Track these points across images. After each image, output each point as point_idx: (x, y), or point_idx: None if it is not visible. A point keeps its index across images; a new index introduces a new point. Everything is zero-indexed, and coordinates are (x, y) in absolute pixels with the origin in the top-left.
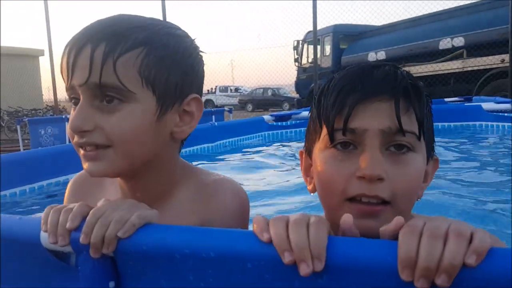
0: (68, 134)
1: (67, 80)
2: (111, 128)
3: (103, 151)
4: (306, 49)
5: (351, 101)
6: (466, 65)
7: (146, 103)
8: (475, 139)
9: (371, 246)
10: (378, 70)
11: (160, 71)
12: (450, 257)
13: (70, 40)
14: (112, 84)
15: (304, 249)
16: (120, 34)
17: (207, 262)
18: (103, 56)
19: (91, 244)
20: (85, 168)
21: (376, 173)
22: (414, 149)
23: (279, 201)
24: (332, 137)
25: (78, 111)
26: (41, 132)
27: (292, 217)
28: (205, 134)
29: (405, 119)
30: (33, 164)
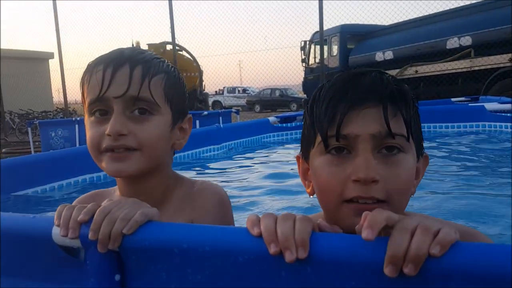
0: (94, 140)
1: (99, 92)
2: (143, 134)
3: (133, 153)
4: (313, 50)
5: (342, 109)
6: (473, 64)
7: (166, 116)
8: (479, 139)
9: (350, 240)
10: (365, 78)
11: (174, 94)
12: (415, 248)
13: (101, 60)
14: (146, 98)
15: (289, 237)
16: (149, 61)
17: (203, 256)
18: (142, 75)
19: (98, 240)
20: (111, 168)
21: (370, 176)
22: (404, 150)
23: (281, 201)
24: (326, 144)
25: (115, 118)
26: (52, 134)
27: (280, 214)
28: (210, 136)
29: (393, 122)
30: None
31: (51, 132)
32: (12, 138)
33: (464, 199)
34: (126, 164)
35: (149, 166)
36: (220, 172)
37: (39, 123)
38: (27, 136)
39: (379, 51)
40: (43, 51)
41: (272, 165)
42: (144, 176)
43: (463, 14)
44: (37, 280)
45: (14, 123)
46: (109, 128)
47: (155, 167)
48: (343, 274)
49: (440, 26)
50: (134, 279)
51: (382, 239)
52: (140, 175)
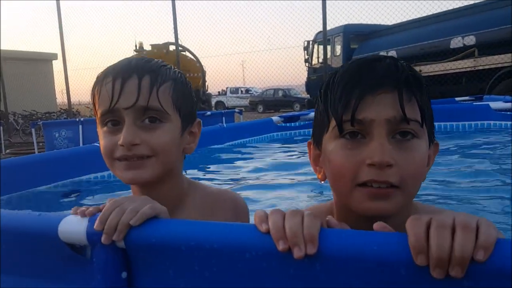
0: (108, 149)
1: (109, 104)
2: (155, 142)
3: (147, 160)
4: (317, 50)
5: (357, 94)
6: (477, 64)
7: (175, 123)
8: (484, 138)
9: (359, 236)
10: (380, 63)
11: (182, 100)
12: (460, 250)
13: (109, 72)
14: (155, 107)
15: (298, 233)
16: (156, 70)
17: (210, 253)
18: (150, 84)
19: (104, 230)
20: (127, 176)
21: (385, 160)
22: (418, 136)
23: (285, 201)
24: (341, 128)
25: (127, 129)
26: (55, 135)
27: (288, 210)
28: (214, 135)
29: (408, 108)
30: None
31: (55, 132)
32: (15, 139)
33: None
34: (141, 171)
35: (163, 172)
36: (223, 172)
37: (42, 124)
38: (31, 137)
39: (382, 51)
40: (46, 52)
41: (276, 164)
42: (157, 182)
43: (467, 13)
44: (43, 278)
45: (18, 124)
46: (122, 139)
47: (168, 173)
48: (352, 271)
49: (444, 26)
50: (141, 277)
51: (391, 234)
52: (154, 181)
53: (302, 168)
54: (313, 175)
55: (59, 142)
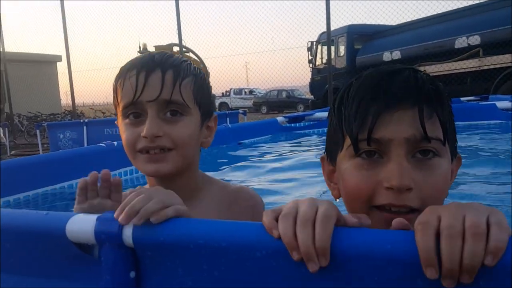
0: (130, 141)
1: (133, 96)
2: (177, 134)
3: (168, 153)
4: (320, 50)
5: (373, 111)
6: (482, 63)
7: (196, 117)
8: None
9: (373, 236)
10: (398, 76)
11: (202, 94)
12: (470, 258)
13: (133, 65)
14: (177, 100)
15: (309, 247)
16: (178, 65)
17: (219, 252)
18: (173, 79)
19: (125, 212)
20: (149, 169)
21: (404, 183)
22: (439, 154)
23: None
24: (357, 148)
25: (151, 121)
26: (60, 136)
27: (301, 211)
28: (219, 135)
29: (429, 125)
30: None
31: (60, 134)
32: (20, 140)
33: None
34: (163, 164)
35: (182, 165)
36: (227, 172)
37: (47, 125)
38: (36, 138)
39: (386, 51)
40: (51, 54)
41: (281, 164)
42: (176, 174)
43: (472, 13)
44: (51, 278)
45: (22, 126)
46: (145, 131)
47: (187, 166)
48: (365, 269)
49: (448, 26)
50: (149, 276)
51: (405, 233)
52: (174, 174)
53: (308, 168)
54: (319, 177)
55: (64, 143)
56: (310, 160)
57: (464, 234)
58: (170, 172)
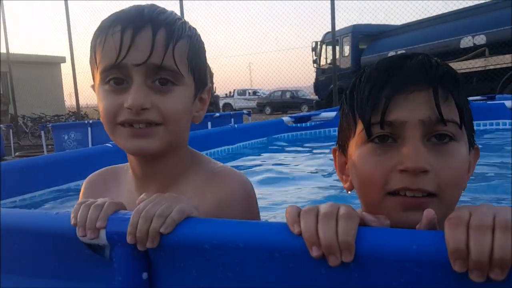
0: (110, 111)
1: (116, 58)
2: (167, 107)
3: (155, 128)
4: (325, 50)
5: (387, 93)
6: (488, 63)
7: (189, 87)
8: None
9: (398, 235)
10: (411, 60)
11: (197, 61)
12: (500, 252)
13: (117, 19)
14: (170, 67)
15: (332, 241)
16: (172, 23)
17: (235, 253)
18: (166, 40)
19: (137, 239)
20: (132, 145)
21: (420, 165)
22: (456, 139)
23: (298, 201)
24: (369, 132)
25: (137, 89)
26: (65, 137)
27: (322, 209)
28: (225, 136)
29: (445, 107)
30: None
31: (64, 135)
32: (25, 141)
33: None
34: (149, 141)
35: (171, 143)
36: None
37: (52, 126)
38: (40, 139)
39: (391, 51)
40: (55, 56)
41: (286, 165)
42: (162, 154)
43: (477, 12)
44: (61, 279)
45: (27, 127)
46: (130, 101)
47: (175, 144)
48: (389, 271)
49: (454, 25)
50: (162, 277)
51: (431, 233)
52: (160, 153)
53: (315, 168)
54: (328, 175)
55: (68, 144)
56: (316, 161)
57: (494, 229)
58: (156, 151)
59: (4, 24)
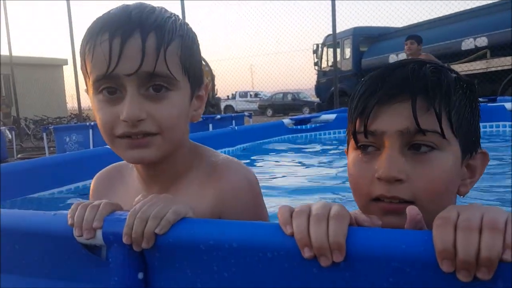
0: (108, 125)
1: (107, 68)
2: (162, 116)
3: (152, 138)
4: (326, 53)
5: (372, 103)
6: (490, 65)
7: (185, 90)
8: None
9: (388, 235)
10: (400, 70)
11: (191, 60)
12: (487, 252)
13: (105, 26)
14: (163, 73)
15: (323, 242)
16: (162, 25)
17: (230, 253)
18: (157, 45)
19: (132, 240)
20: (131, 156)
21: (391, 174)
22: (439, 148)
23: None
24: (356, 140)
25: (131, 101)
26: (66, 140)
27: (313, 210)
28: (225, 138)
29: (426, 118)
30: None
31: (66, 137)
32: (27, 143)
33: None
34: (147, 150)
35: (170, 149)
36: None
37: (53, 128)
38: (42, 142)
39: (392, 53)
40: (57, 58)
41: (287, 166)
42: (163, 158)
43: (479, 14)
44: (59, 279)
45: (29, 129)
46: (125, 113)
47: (176, 148)
48: (379, 270)
49: (455, 27)
50: (157, 277)
51: (419, 233)
52: (161, 159)
53: (314, 170)
54: (327, 178)
55: (70, 146)
56: (317, 163)
57: (481, 229)
58: (155, 160)
59: (6, 26)
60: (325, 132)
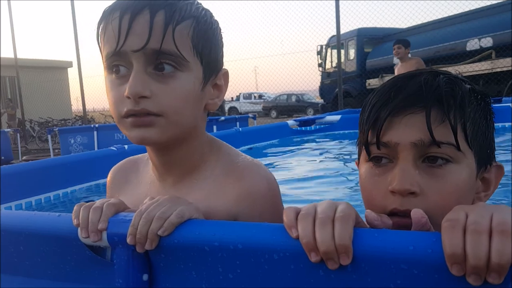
0: (116, 103)
1: (116, 45)
2: (166, 96)
3: (156, 118)
4: (330, 54)
5: (384, 114)
6: (495, 66)
7: (196, 72)
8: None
9: (395, 236)
10: (413, 81)
11: (205, 43)
12: (497, 257)
13: (117, 5)
14: (170, 51)
15: (330, 248)
16: (173, 4)
17: (235, 254)
18: (164, 23)
19: (136, 240)
20: (134, 135)
21: (404, 187)
22: (454, 160)
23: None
24: (369, 151)
25: (135, 77)
26: (71, 141)
27: (319, 211)
28: (229, 139)
29: (440, 129)
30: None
31: (71, 139)
32: (32, 145)
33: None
34: (150, 130)
35: (177, 133)
36: None
37: (58, 130)
38: (47, 143)
39: None
40: (62, 60)
41: (292, 167)
42: (175, 144)
43: (484, 15)
44: (63, 280)
45: (34, 131)
46: (128, 89)
47: (187, 134)
48: (386, 272)
49: (460, 28)
50: (162, 279)
51: (427, 234)
52: (170, 143)
53: (319, 171)
54: (332, 179)
55: (75, 148)
56: (320, 164)
57: (491, 232)
58: (158, 141)
59: (12, 29)
60: (330, 133)
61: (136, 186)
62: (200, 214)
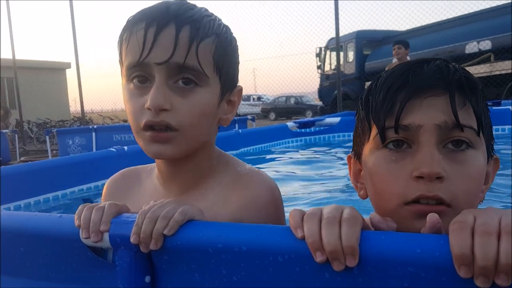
0: (135, 113)
1: (139, 56)
2: (186, 110)
3: (173, 133)
4: (329, 56)
5: (402, 97)
6: (494, 68)
7: (214, 89)
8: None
9: (402, 239)
10: (428, 65)
11: (225, 60)
12: (506, 258)
13: (143, 16)
14: (193, 66)
15: (336, 246)
16: (198, 20)
17: (239, 256)
18: (190, 38)
19: (140, 239)
20: (152, 150)
21: (435, 170)
22: (473, 146)
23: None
24: (383, 136)
25: (157, 89)
26: (69, 142)
27: (325, 213)
28: (229, 141)
29: (462, 113)
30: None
31: (69, 140)
32: (30, 146)
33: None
34: (168, 146)
35: (191, 147)
36: None
37: (56, 131)
38: (45, 145)
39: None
40: (60, 61)
41: (291, 170)
42: (186, 155)
43: (483, 18)
44: (64, 282)
45: (32, 132)
46: (149, 101)
47: (199, 147)
48: (393, 275)
49: (459, 31)
50: (165, 281)
51: (435, 237)
52: (182, 157)
53: (319, 173)
54: (332, 182)
55: (73, 149)
56: (322, 165)
57: (499, 233)
58: (174, 156)
59: (10, 29)
60: (330, 135)
61: (139, 194)
62: (203, 216)
